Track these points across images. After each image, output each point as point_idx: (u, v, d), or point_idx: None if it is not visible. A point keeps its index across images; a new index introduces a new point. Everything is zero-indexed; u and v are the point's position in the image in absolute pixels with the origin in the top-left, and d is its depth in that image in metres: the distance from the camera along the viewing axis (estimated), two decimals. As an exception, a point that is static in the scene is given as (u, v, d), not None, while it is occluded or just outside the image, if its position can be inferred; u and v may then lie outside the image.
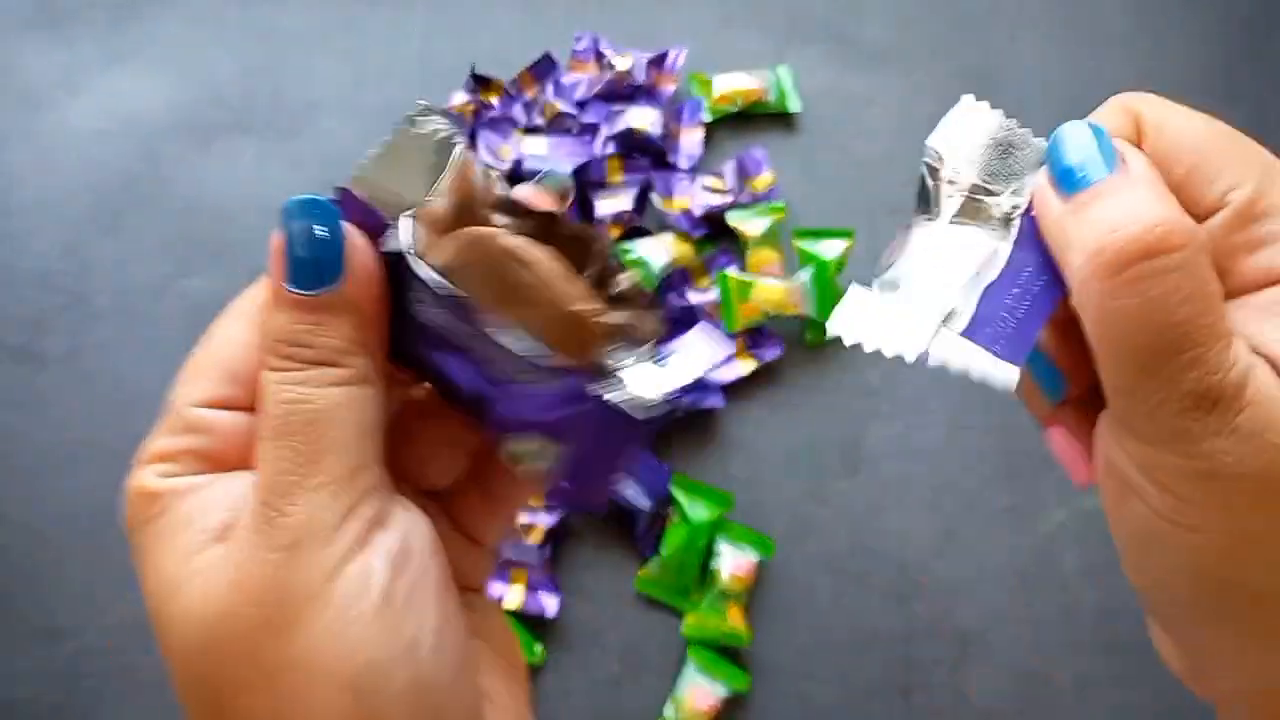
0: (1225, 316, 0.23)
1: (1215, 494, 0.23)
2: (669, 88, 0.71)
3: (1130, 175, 0.24)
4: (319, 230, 0.24)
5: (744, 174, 0.69)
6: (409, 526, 0.24)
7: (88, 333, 0.67)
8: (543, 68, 0.71)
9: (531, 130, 0.70)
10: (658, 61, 0.72)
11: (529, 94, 0.72)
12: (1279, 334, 0.23)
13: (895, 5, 0.75)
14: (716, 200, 0.68)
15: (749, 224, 0.67)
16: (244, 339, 0.25)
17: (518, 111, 0.70)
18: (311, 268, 0.24)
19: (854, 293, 0.26)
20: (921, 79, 0.72)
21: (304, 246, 0.24)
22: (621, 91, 0.70)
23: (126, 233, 0.69)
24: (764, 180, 0.69)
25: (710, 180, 0.69)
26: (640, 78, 0.70)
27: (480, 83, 0.72)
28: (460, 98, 0.70)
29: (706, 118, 0.71)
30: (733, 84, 0.71)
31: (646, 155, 0.69)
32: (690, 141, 0.70)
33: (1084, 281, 0.23)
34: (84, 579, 0.61)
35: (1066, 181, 0.24)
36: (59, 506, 0.63)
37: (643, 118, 0.68)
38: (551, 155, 0.67)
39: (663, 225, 0.68)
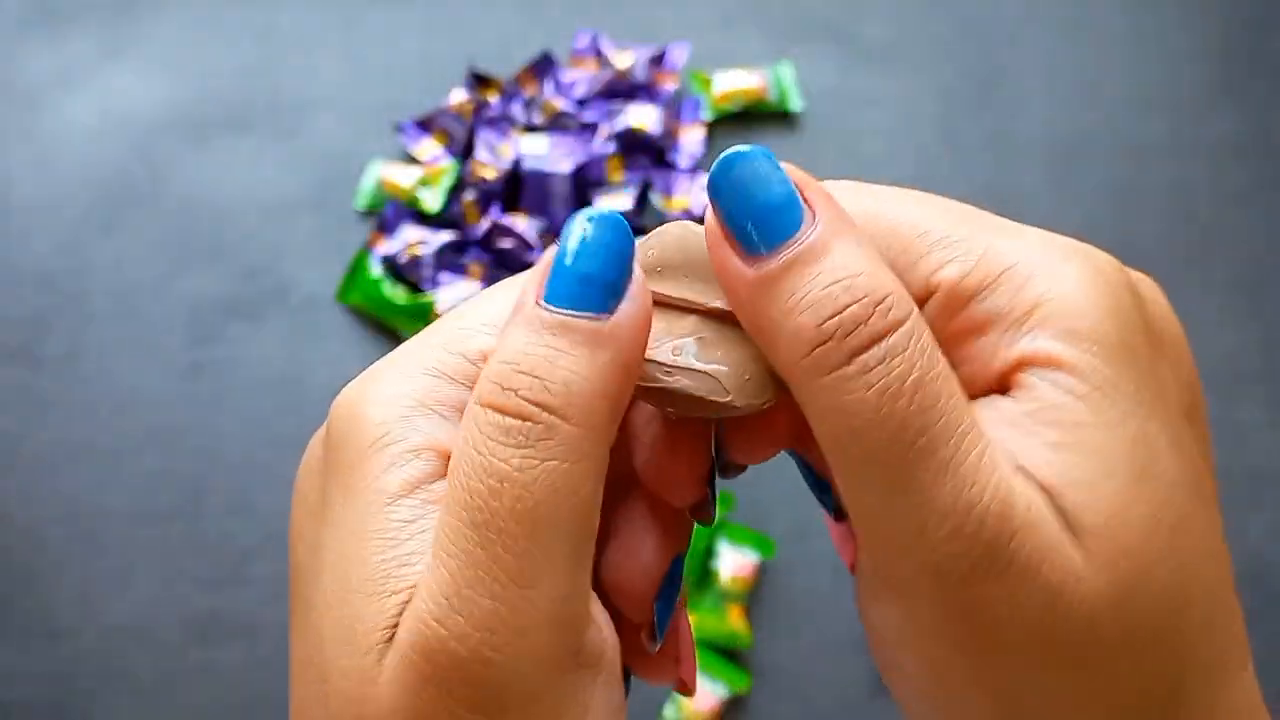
0: (974, 412, 0.18)
1: (984, 661, 0.17)
2: (669, 86, 0.71)
3: (826, 228, 0.18)
4: (611, 243, 0.19)
5: (744, 173, 0.69)
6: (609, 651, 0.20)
7: (86, 333, 0.67)
8: (542, 66, 0.71)
9: (531, 129, 0.69)
10: (658, 59, 0.71)
11: (528, 92, 0.71)
12: (1050, 455, 0.17)
13: (896, 4, 0.75)
14: (717, 199, 0.68)
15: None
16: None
17: (517, 110, 0.70)
18: (585, 284, 0.19)
19: None
20: (923, 78, 0.72)
21: (590, 258, 0.19)
22: (621, 90, 0.70)
23: (124, 232, 0.69)
24: (764, 179, 0.69)
25: (710, 179, 0.69)
26: (640, 76, 0.70)
27: (479, 81, 0.71)
28: (459, 96, 0.70)
29: (707, 116, 0.71)
30: (733, 82, 0.71)
31: (646, 154, 0.69)
32: (691, 140, 0.70)
33: (799, 380, 0.18)
34: (83, 579, 0.61)
35: (746, 239, 0.19)
36: (58, 506, 0.63)
37: (643, 116, 0.68)
38: (551, 154, 0.67)
39: (663, 225, 0.68)
